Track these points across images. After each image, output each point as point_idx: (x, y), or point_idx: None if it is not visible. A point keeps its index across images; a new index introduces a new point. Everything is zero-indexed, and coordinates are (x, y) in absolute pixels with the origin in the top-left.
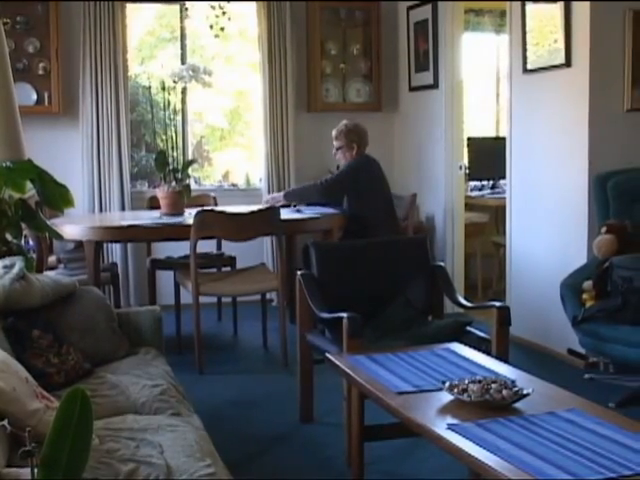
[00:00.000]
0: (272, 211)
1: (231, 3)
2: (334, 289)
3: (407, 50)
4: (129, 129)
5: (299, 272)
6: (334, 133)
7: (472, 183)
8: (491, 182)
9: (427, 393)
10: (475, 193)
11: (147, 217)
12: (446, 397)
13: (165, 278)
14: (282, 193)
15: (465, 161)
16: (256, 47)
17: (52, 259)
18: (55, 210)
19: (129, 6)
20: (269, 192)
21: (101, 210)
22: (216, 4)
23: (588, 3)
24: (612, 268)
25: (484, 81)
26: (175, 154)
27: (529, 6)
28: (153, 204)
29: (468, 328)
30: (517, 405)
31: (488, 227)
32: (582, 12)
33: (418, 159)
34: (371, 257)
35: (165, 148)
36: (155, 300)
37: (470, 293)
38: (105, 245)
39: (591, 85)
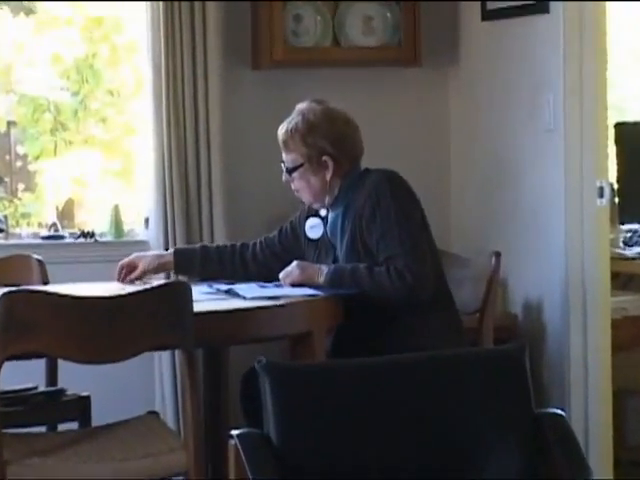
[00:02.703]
0: (174, 292)
1: None
2: (312, 468)
3: None
4: None
5: (235, 432)
6: (280, 135)
7: (627, 227)
8: None
9: None
10: (634, 251)
11: None
12: None
13: None
14: (323, 271)
15: (612, 177)
16: None
17: None
18: None
19: None
20: (165, 244)
21: None
22: None
23: None
24: None
25: None
26: None
27: None
28: None
29: None
30: None
31: None
32: None
33: (502, 172)
34: (397, 394)
35: None
36: None
37: (628, 475)
38: None
39: None
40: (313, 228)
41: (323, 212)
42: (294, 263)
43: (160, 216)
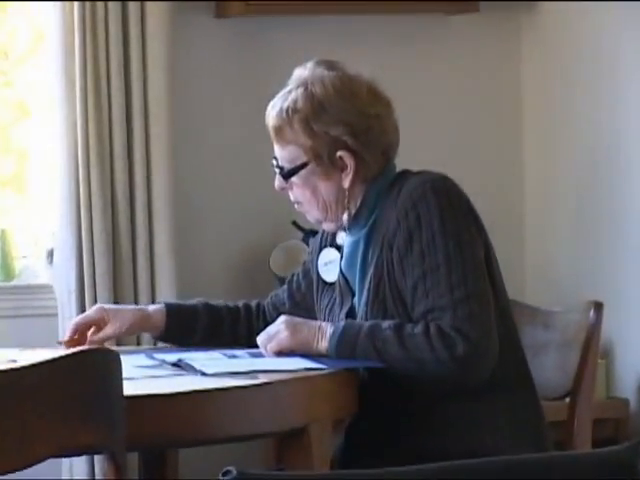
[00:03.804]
0: (94, 364)
1: None
2: None
3: None
4: None
5: None
6: (270, 118)
7: None
8: None
9: None
10: None
11: None
12: None
13: None
14: (326, 331)
15: None
16: None
17: None
18: None
19: None
20: (80, 290)
21: None
22: None
23: None
24: None
25: None
26: None
27: None
28: None
29: None
30: None
31: None
32: None
33: (603, 179)
34: None
35: None
36: None
37: None
38: None
39: None
40: (329, 265)
41: (341, 238)
42: (280, 319)
43: (72, 246)
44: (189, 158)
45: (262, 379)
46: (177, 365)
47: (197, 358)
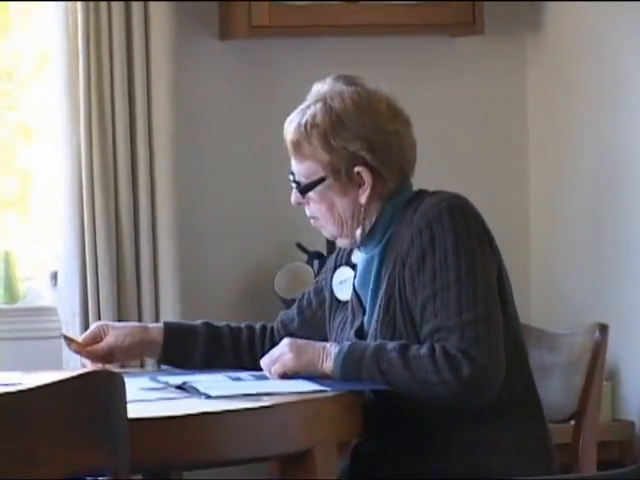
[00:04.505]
0: (97, 387)
1: None
2: None
3: None
4: None
5: None
6: (288, 133)
7: None
8: None
9: None
10: None
11: None
12: None
13: None
14: (331, 352)
15: None
16: None
17: None
18: None
19: None
20: (83, 313)
21: None
22: None
23: None
24: None
25: None
26: None
27: None
28: None
29: None
30: None
31: None
32: None
33: (609, 197)
34: None
35: None
36: None
37: None
38: None
39: None
40: (343, 284)
41: (356, 256)
42: (284, 342)
43: (76, 269)
44: (193, 179)
45: (266, 402)
46: (181, 388)
47: (201, 381)
